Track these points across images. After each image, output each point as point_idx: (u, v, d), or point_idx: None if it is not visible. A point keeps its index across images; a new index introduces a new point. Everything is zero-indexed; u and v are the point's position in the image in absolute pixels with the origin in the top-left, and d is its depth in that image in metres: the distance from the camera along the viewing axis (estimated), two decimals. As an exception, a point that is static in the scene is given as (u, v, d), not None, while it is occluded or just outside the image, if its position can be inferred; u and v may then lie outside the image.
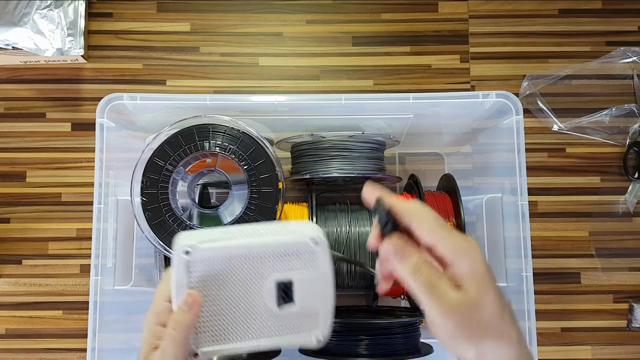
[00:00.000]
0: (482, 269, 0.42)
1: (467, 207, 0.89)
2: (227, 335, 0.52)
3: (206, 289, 0.51)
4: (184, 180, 0.81)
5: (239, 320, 0.52)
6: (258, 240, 0.52)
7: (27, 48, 0.95)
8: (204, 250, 0.50)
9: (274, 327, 0.53)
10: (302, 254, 0.52)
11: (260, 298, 0.52)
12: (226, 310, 0.52)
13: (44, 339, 0.96)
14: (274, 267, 0.52)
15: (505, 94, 0.79)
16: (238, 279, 0.52)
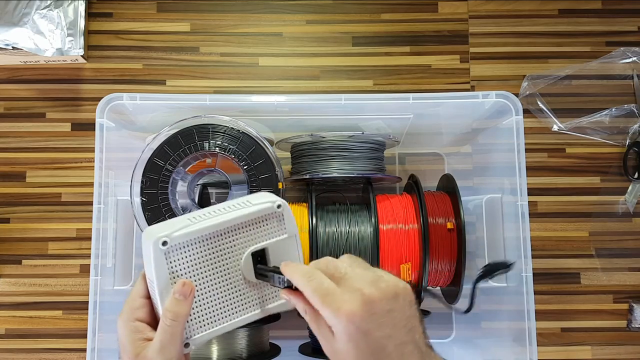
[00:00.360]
0: (348, 337, 0.45)
1: (467, 207, 0.89)
2: (214, 318, 0.53)
3: (187, 275, 0.52)
4: (184, 181, 0.81)
5: (223, 300, 0.53)
6: (227, 217, 0.53)
7: (27, 48, 0.95)
8: (179, 237, 0.51)
9: (253, 299, 0.54)
10: (270, 220, 0.55)
11: (239, 273, 0.54)
12: (210, 293, 0.53)
13: (44, 339, 0.96)
14: (247, 239, 0.54)
15: (505, 94, 0.79)
16: (216, 259, 0.53)
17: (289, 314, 0.88)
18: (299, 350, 0.86)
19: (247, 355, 0.78)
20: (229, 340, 0.77)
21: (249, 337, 0.78)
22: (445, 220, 0.82)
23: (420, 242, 0.79)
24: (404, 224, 0.81)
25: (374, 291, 0.45)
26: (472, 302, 0.59)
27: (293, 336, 0.91)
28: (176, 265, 0.51)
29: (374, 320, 0.45)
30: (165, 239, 0.50)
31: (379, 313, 0.45)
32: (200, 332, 0.52)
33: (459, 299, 0.83)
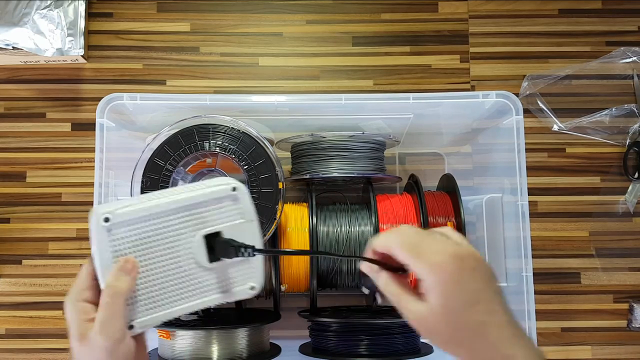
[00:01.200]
0: (443, 288, 0.46)
1: (467, 207, 0.89)
2: (162, 302, 0.51)
3: (132, 255, 0.50)
4: (184, 180, 0.81)
5: (172, 284, 0.51)
6: (177, 197, 0.51)
7: (27, 48, 0.95)
8: (123, 214, 0.49)
9: (209, 284, 0.53)
10: (225, 203, 0.53)
11: (191, 256, 0.52)
12: (156, 275, 0.51)
13: (44, 339, 0.96)
14: (199, 221, 0.52)
15: (505, 94, 0.79)
16: (164, 240, 0.51)
17: (289, 313, 0.88)
18: (299, 350, 0.86)
19: (247, 355, 0.78)
20: (229, 340, 0.77)
21: (249, 337, 0.78)
22: (445, 220, 0.82)
23: (421, 242, 0.79)
24: (404, 223, 0.81)
25: (459, 249, 0.47)
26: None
27: (293, 336, 0.91)
28: (120, 243, 0.50)
29: (464, 272, 0.46)
30: (107, 216, 0.49)
31: (467, 268, 0.46)
32: (147, 315, 0.51)
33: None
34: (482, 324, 0.45)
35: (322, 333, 0.83)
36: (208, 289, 0.53)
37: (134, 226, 0.50)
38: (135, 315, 0.50)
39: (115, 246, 0.50)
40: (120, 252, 0.50)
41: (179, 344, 0.76)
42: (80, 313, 0.48)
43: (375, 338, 0.79)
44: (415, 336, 0.82)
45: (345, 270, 0.84)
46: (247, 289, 0.54)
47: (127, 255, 0.50)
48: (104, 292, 0.49)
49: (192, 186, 0.54)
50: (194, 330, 0.76)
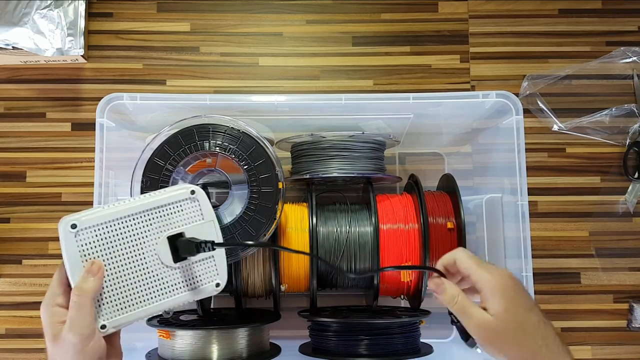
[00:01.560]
0: (503, 293, 0.53)
1: (467, 207, 0.89)
2: (132, 302, 0.54)
3: (99, 258, 0.53)
4: (184, 180, 0.81)
5: (140, 285, 0.55)
6: (138, 203, 0.55)
7: (27, 48, 0.95)
8: (88, 220, 0.53)
9: (176, 284, 0.56)
10: (185, 207, 0.57)
11: (157, 258, 0.55)
12: (125, 277, 0.54)
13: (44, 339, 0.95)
14: (162, 224, 0.55)
15: (505, 94, 0.79)
16: (130, 243, 0.54)
17: (289, 313, 0.88)
18: (299, 350, 0.86)
19: (247, 355, 0.78)
20: (229, 340, 0.77)
21: (249, 337, 0.78)
22: (445, 220, 0.82)
23: (421, 241, 0.79)
24: (404, 223, 0.81)
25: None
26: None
27: (293, 336, 0.90)
28: (87, 247, 0.53)
29: (519, 284, 0.55)
30: (74, 222, 0.53)
31: (520, 282, 0.55)
32: (118, 315, 0.54)
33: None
34: (540, 323, 0.53)
35: (322, 333, 0.83)
36: (175, 288, 0.56)
37: (100, 231, 0.54)
38: (106, 315, 0.53)
39: (83, 251, 0.53)
40: (88, 256, 0.53)
41: (179, 344, 0.76)
42: (53, 316, 0.52)
43: (375, 338, 0.79)
44: (416, 336, 0.82)
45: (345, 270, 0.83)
46: (213, 286, 0.58)
47: (95, 252, 0.53)
48: (72, 293, 0.52)
49: (155, 192, 0.57)
50: (194, 330, 0.76)
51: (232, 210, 0.78)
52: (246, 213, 0.75)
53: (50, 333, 0.52)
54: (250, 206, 0.76)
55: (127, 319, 0.54)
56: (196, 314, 0.85)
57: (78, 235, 0.53)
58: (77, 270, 0.53)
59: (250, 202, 0.76)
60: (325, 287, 0.88)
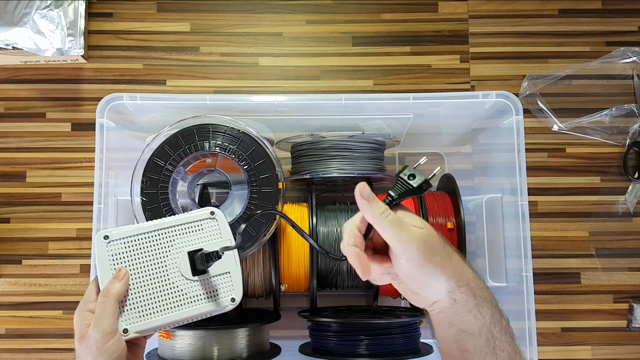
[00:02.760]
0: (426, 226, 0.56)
1: (467, 207, 0.89)
2: (153, 310, 0.60)
3: (127, 267, 0.60)
4: (184, 180, 0.81)
5: (162, 294, 0.60)
6: (165, 220, 0.62)
7: (27, 48, 0.95)
8: (118, 233, 0.60)
9: (195, 296, 0.61)
10: (205, 226, 0.63)
11: (178, 271, 0.61)
12: (148, 286, 0.60)
13: (44, 339, 0.96)
14: (184, 240, 0.62)
15: (505, 94, 0.78)
16: (154, 255, 0.61)
17: (289, 313, 0.88)
18: (299, 350, 0.86)
19: (247, 355, 0.78)
20: (229, 340, 0.77)
21: (249, 337, 0.78)
22: (445, 220, 0.82)
23: (421, 242, 0.79)
24: (404, 223, 0.81)
25: (428, 229, 0.55)
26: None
27: (293, 336, 0.90)
28: (116, 256, 0.60)
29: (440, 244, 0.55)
30: (106, 234, 0.60)
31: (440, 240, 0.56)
32: (139, 321, 0.59)
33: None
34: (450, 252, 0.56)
35: (322, 333, 0.83)
36: (194, 300, 0.61)
37: (128, 243, 0.60)
38: (129, 320, 0.59)
39: (112, 259, 0.60)
40: (117, 264, 0.60)
41: (179, 344, 0.76)
42: (83, 320, 0.57)
43: (375, 338, 0.79)
44: (416, 336, 0.82)
45: (345, 270, 0.84)
46: (228, 300, 0.63)
47: (123, 263, 0.60)
48: (99, 295, 0.58)
49: (180, 215, 0.64)
50: (194, 330, 0.76)
51: (232, 210, 0.78)
52: (246, 213, 0.75)
53: (79, 333, 0.57)
54: (250, 206, 0.76)
55: (148, 325, 0.59)
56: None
57: (109, 245, 0.60)
58: (106, 276, 0.59)
59: (250, 202, 0.76)
60: (325, 287, 0.88)
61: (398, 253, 0.54)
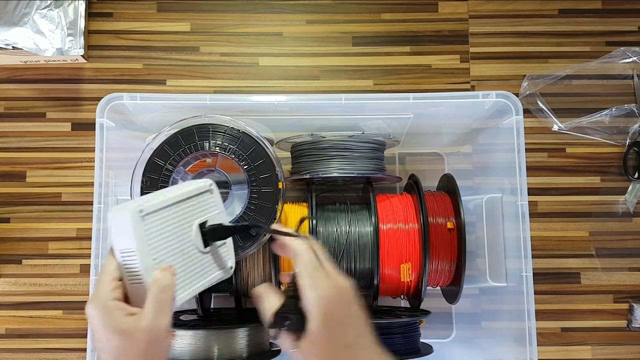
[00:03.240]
0: (323, 309, 0.53)
1: (467, 207, 0.89)
2: (184, 282, 0.58)
3: (159, 243, 0.56)
4: (184, 180, 0.81)
5: (185, 267, 0.59)
6: (176, 192, 0.59)
7: (27, 48, 0.95)
8: (149, 207, 0.56)
9: (207, 266, 0.61)
10: (205, 197, 0.63)
11: (192, 243, 0.60)
12: (176, 260, 0.57)
13: (44, 339, 0.96)
14: (193, 212, 0.61)
15: (505, 94, 0.79)
16: (175, 228, 0.58)
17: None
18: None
19: (247, 355, 0.78)
20: (229, 340, 0.77)
21: (249, 337, 0.78)
22: (445, 220, 0.82)
23: (421, 241, 0.79)
24: (404, 223, 0.81)
25: (345, 284, 0.55)
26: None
27: (293, 336, 0.90)
28: (151, 232, 0.55)
29: (343, 309, 0.54)
30: (141, 208, 0.54)
31: (347, 304, 0.55)
32: (181, 292, 0.58)
33: (459, 298, 0.83)
34: (352, 345, 0.54)
35: (322, 333, 0.82)
36: (207, 271, 0.61)
37: (156, 218, 0.56)
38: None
39: (149, 236, 0.55)
40: (152, 240, 0.55)
41: (179, 344, 0.76)
42: (117, 310, 0.51)
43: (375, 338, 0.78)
44: (416, 336, 0.82)
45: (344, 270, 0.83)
46: (228, 268, 0.64)
47: (158, 244, 0.55)
48: (154, 287, 0.52)
49: (182, 184, 0.63)
50: (194, 330, 0.76)
51: (232, 210, 0.78)
52: (246, 213, 0.75)
53: (118, 328, 0.50)
54: (250, 206, 0.76)
55: (181, 299, 0.57)
56: (196, 314, 0.85)
57: (145, 220, 0.54)
58: (147, 256, 0.54)
59: (250, 202, 0.76)
60: (325, 287, 0.87)
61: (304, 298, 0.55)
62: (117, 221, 0.54)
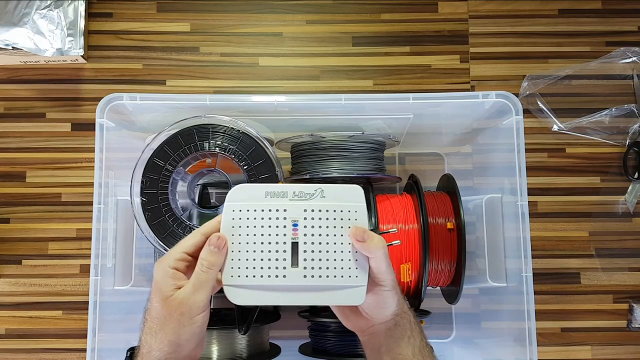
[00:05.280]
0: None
1: (467, 207, 0.89)
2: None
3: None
4: (184, 181, 0.81)
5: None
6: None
7: (27, 48, 0.95)
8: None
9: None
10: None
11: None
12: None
13: (44, 339, 0.96)
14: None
15: (505, 94, 0.78)
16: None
17: (289, 313, 0.88)
18: (299, 350, 0.86)
19: (247, 355, 0.78)
20: (229, 340, 0.77)
21: (249, 337, 0.78)
22: (445, 220, 0.82)
23: (420, 242, 0.79)
24: (404, 224, 0.81)
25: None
26: None
27: (293, 336, 0.91)
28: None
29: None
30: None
31: None
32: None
33: (459, 298, 0.83)
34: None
35: (322, 333, 0.83)
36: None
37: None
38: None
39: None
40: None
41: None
42: (171, 278, 0.55)
43: (375, 338, 0.78)
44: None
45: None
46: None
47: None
48: (198, 265, 0.55)
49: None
50: (193, 331, 0.76)
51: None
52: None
53: (165, 292, 0.54)
54: (250, 206, 0.75)
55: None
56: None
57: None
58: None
59: (250, 202, 0.75)
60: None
61: (383, 279, 0.57)
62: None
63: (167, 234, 0.76)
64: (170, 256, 0.56)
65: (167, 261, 0.56)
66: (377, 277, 0.57)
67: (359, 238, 0.56)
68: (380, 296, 0.57)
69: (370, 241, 0.55)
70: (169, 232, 0.75)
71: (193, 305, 0.54)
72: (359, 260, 0.56)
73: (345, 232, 0.57)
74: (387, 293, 0.57)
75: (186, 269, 0.56)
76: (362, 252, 0.56)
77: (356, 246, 0.56)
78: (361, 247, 0.56)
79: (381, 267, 0.56)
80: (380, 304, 0.58)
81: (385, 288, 0.57)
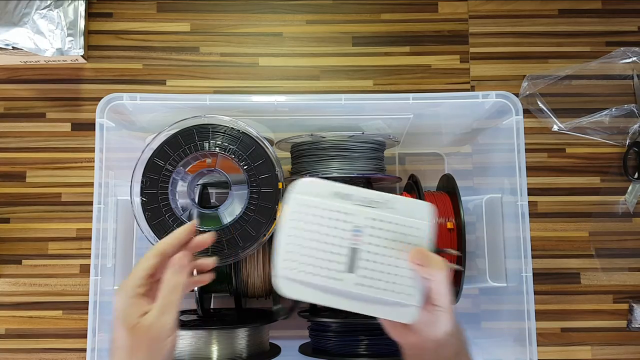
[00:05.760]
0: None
1: (467, 207, 0.89)
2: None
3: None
4: (184, 180, 0.81)
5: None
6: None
7: (27, 48, 0.95)
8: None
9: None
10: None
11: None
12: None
13: (44, 339, 0.96)
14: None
15: (505, 94, 0.78)
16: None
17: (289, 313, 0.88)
18: (299, 350, 0.86)
19: (247, 355, 0.78)
20: (229, 340, 0.77)
21: (249, 337, 0.78)
22: (445, 220, 0.82)
23: (420, 242, 0.79)
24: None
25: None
26: None
27: (293, 336, 0.91)
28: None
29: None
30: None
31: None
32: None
33: (459, 298, 0.83)
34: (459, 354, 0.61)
35: (322, 333, 0.83)
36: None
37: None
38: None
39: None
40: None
41: (178, 344, 0.76)
42: (134, 306, 0.54)
43: (375, 338, 0.79)
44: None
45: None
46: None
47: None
48: (162, 288, 0.54)
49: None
50: (194, 330, 0.76)
51: (232, 210, 0.78)
52: (246, 213, 0.75)
53: (129, 323, 0.53)
54: (250, 206, 0.76)
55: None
56: (196, 314, 0.85)
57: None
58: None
59: (250, 202, 0.76)
60: (325, 287, 0.87)
61: (441, 300, 0.56)
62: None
63: (166, 234, 0.75)
64: (130, 283, 0.55)
65: (127, 290, 0.55)
66: (434, 297, 0.56)
67: (419, 262, 0.55)
68: (435, 315, 0.56)
69: (430, 265, 0.55)
70: (168, 232, 0.75)
71: (162, 328, 0.53)
72: (416, 279, 0.55)
73: (406, 248, 0.55)
74: (442, 314, 0.56)
75: (148, 292, 0.55)
76: (421, 275, 0.55)
77: (415, 269, 0.55)
78: (421, 271, 0.55)
79: (440, 289, 0.55)
80: (433, 322, 0.57)
81: (440, 309, 0.56)
